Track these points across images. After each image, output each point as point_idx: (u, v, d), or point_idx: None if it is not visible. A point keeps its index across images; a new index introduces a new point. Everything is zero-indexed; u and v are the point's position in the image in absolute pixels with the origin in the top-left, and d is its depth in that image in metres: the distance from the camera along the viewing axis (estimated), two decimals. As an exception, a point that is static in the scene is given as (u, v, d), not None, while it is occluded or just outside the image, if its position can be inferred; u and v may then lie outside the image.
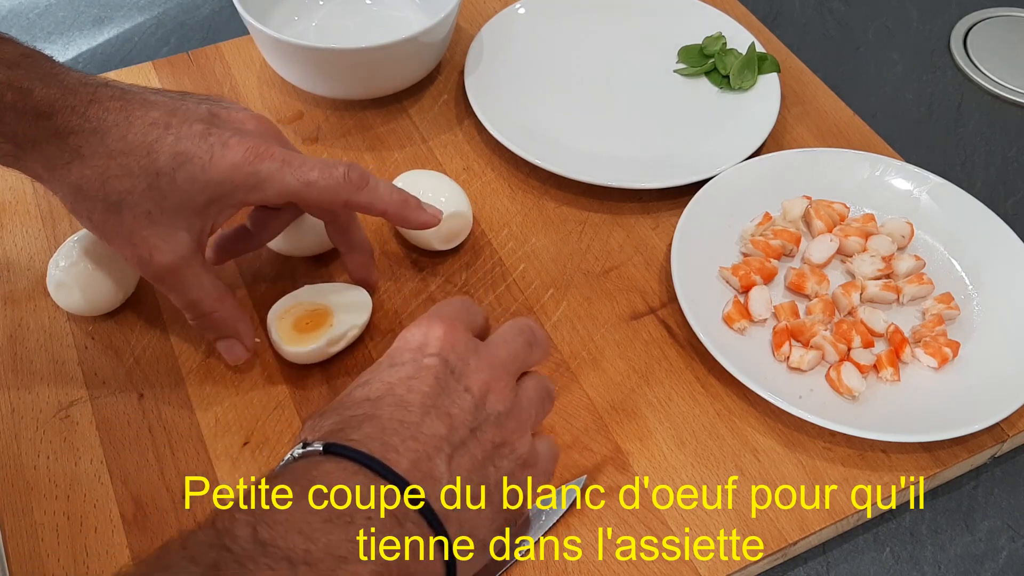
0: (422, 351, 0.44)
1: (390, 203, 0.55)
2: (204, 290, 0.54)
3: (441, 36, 0.73)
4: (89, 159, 0.49)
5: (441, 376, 0.43)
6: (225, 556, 0.34)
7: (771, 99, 0.75)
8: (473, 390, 0.43)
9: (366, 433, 0.40)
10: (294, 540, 0.35)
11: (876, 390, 0.58)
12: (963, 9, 0.89)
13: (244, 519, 0.35)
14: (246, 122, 0.53)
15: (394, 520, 0.37)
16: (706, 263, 0.64)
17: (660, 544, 0.52)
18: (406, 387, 0.42)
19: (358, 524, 0.36)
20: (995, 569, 0.54)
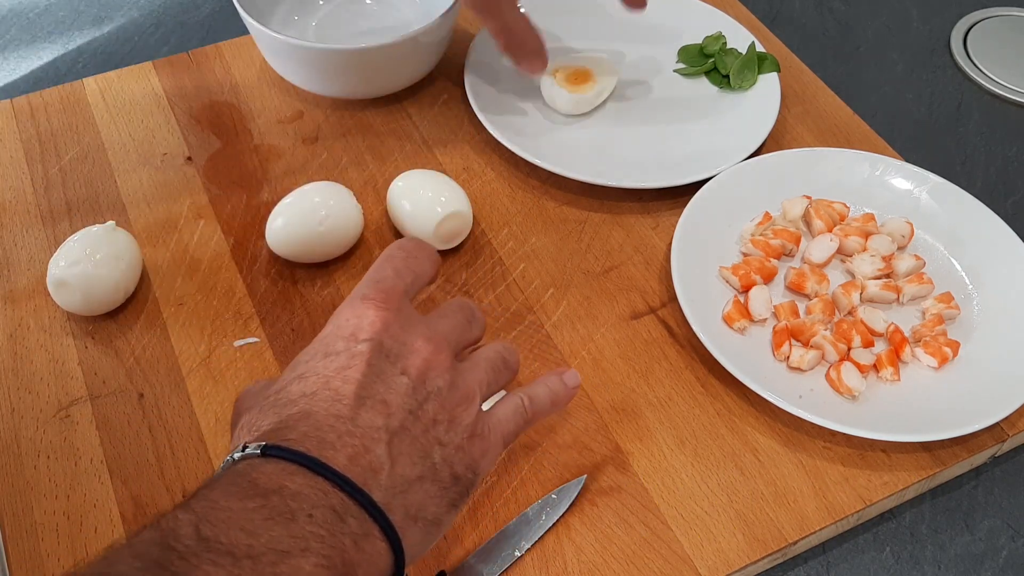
0: (355, 337, 0.43)
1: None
2: (515, 14, 0.69)
3: (441, 36, 0.73)
4: None
5: (375, 362, 0.43)
6: (169, 553, 0.34)
7: (771, 99, 0.74)
8: (410, 372, 0.43)
9: (302, 432, 0.40)
10: (236, 536, 0.35)
11: (876, 390, 0.58)
12: (963, 9, 0.89)
13: (186, 519, 0.36)
14: None
15: (334, 515, 0.38)
16: (706, 263, 0.64)
17: (660, 544, 0.52)
18: (341, 379, 0.42)
19: (299, 521, 0.37)
20: (995, 569, 0.54)
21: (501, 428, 0.46)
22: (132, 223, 0.67)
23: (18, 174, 0.71)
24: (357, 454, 0.40)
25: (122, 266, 0.60)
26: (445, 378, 0.44)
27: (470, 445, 0.44)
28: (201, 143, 0.73)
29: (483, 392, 0.46)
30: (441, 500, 0.42)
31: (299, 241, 0.62)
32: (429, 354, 0.44)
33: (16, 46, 0.86)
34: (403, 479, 0.41)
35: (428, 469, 0.42)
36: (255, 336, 0.61)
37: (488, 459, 0.45)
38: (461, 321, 0.48)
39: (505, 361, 0.48)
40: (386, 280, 0.46)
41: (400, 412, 0.42)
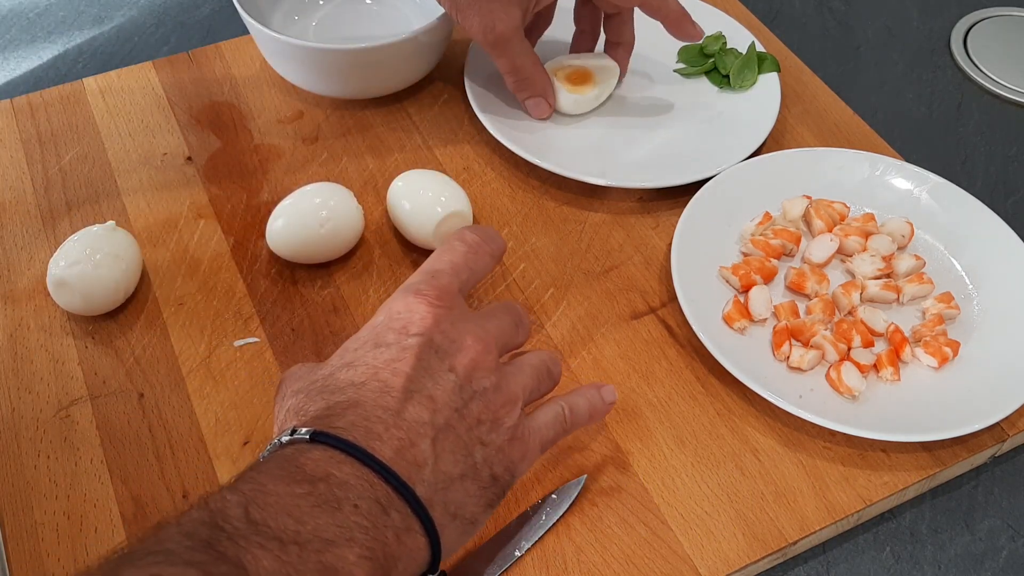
0: (406, 331, 0.44)
1: (671, 11, 0.68)
2: (525, 56, 0.68)
3: (441, 36, 0.73)
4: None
5: (424, 357, 0.43)
6: (218, 534, 0.34)
7: (771, 99, 0.74)
8: (457, 369, 0.44)
9: (350, 420, 0.40)
10: (284, 521, 0.36)
11: (876, 390, 0.58)
12: (963, 9, 0.89)
13: (235, 500, 0.36)
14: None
15: (378, 507, 0.38)
16: (706, 263, 0.64)
17: (660, 544, 0.52)
18: (390, 371, 0.42)
19: (345, 510, 0.37)
20: (995, 569, 0.54)
21: (541, 434, 0.47)
22: (132, 223, 0.67)
23: (18, 174, 0.70)
24: (403, 447, 0.40)
25: (122, 266, 0.60)
26: (491, 379, 0.44)
27: (510, 447, 0.44)
28: (201, 143, 0.73)
29: (526, 397, 0.46)
30: (479, 499, 0.43)
31: (299, 242, 0.62)
32: (477, 353, 0.44)
33: (16, 46, 0.86)
34: (445, 476, 0.41)
35: (469, 468, 0.42)
36: (255, 336, 0.61)
37: (526, 463, 0.46)
38: (509, 324, 0.48)
39: (549, 370, 0.49)
40: (442, 275, 0.47)
41: (446, 409, 0.42)
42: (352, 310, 0.62)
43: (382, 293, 0.63)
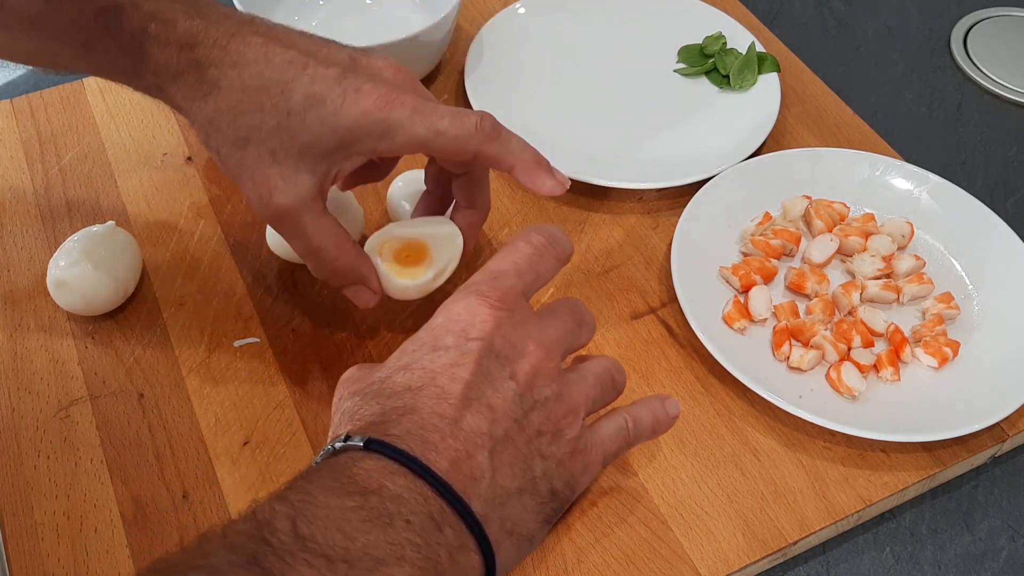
0: (466, 334, 0.42)
1: (520, 159, 0.52)
2: (323, 236, 0.51)
3: (441, 36, 0.73)
4: (225, 92, 0.49)
5: (483, 363, 0.41)
6: (264, 548, 0.33)
7: (771, 99, 0.75)
8: (518, 377, 0.41)
9: (406, 428, 0.39)
10: (333, 537, 0.34)
11: (876, 390, 0.58)
12: (963, 9, 0.89)
13: (284, 512, 0.35)
14: (384, 70, 0.51)
15: (432, 523, 0.37)
16: (706, 263, 0.64)
17: (660, 544, 0.52)
18: (448, 376, 0.40)
19: (396, 526, 0.36)
20: (995, 569, 0.54)
21: (603, 447, 0.44)
22: (132, 223, 0.67)
23: (18, 174, 0.71)
24: (459, 459, 0.38)
25: (122, 266, 0.60)
26: (553, 388, 0.42)
27: (571, 460, 0.42)
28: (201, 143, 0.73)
29: (588, 407, 0.44)
30: (537, 515, 0.41)
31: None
32: (539, 360, 0.42)
33: (16, 46, 0.86)
34: (503, 490, 0.39)
35: (528, 482, 0.40)
36: (255, 336, 0.61)
37: (586, 476, 0.44)
38: (571, 325, 0.46)
39: (613, 380, 0.46)
40: (505, 276, 0.44)
41: (505, 419, 0.40)
42: (352, 310, 0.62)
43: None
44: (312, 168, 0.50)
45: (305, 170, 0.50)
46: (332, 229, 0.52)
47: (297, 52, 0.49)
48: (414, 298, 0.56)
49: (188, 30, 0.48)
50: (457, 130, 0.50)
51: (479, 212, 0.58)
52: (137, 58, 0.49)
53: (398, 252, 0.55)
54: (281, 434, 0.56)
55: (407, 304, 0.62)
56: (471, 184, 0.56)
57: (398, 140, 0.49)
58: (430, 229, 0.56)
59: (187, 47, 0.48)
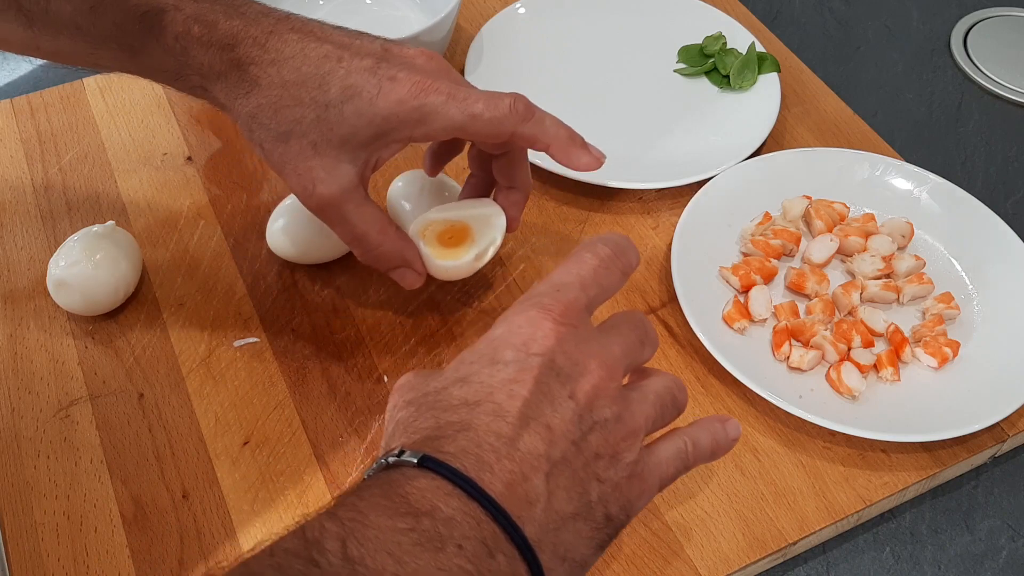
0: (526, 348, 0.40)
1: (555, 137, 0.53)
2: (366, 223, 0.54)
3: (441, 36, 0.73)
4: (265, 89, 0.51)
5: (543, 380, 0.39)
6: (312, 570, 0.33)
7: (771, 99, 0.75)
8: (578, 396, 0.40)
9: (461, 446, 0.37)
10: (384, 561, 0.33)
11: (876, 390, 0.58)
12: (963, 9, 0.89)
13: (334, 532, 0.34)
14: (416, 58, 0.53)
15: (484, 549, 0.35)
16: (706, 263, 0.64)
17: (660, 544, 0.52)
18: (506, 392, 0.39)
19: (448, 551, 0.34)
20: (995, 569, 0.54)
21: (660, 471, 0.42)
22: (132, 223, 0.67)
23: (18, 174, 0.71)
24: (515, 482, 0.37)
25: (122, 266, 0.60)
26: (613, 408, 0.40)
27: (628, 485, 0.41)
28: (201, 143, 0.73)
29: (647, 428, 0.42)
30: (591, 541, 0.40)
31: (299, 242, 0.62)
32: (600, 379, 0.40)
33: (16, 46, 0.86)
34: (558, 515, 0.38)
35: (583, 507, 0.39)
36: (255, 336, 0.61)
37: (642, 501, 0.42)
38: (634, 341, 0.44)
39: (675, 399, 0.44)
40: (569, 290, 0.43)
41: (563, 440, 0.39)
42: (352, 310, 0.62)
43: (382, 293, 0.63)
44: (352, 158, 0.52)
45: (346, 160, 0.52)
46: (374, 215, 0.54)
47: (332, 46, 0.51)
48: (457, 278, 0.58)
49: (229, 30, 0.50)
50: (492, 112, 0.51)
51: (520, 191, 0.59)
52: (181, 60, 0.51)
53: (441, 234, 0.57)
54: (281, 434, 0.56)
55: (407, 304, 0.62)
56: (510, 164, 0.58)
57: (434, 126, 0.51)
58: (472, 211, 0.58)
59: (228, 47, 0.50)
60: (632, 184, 0.68)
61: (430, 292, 0.63)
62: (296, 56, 0.50)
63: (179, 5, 0.50)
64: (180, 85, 0.54)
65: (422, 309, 0.62)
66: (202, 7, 0.50)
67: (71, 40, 0.52)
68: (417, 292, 0.63)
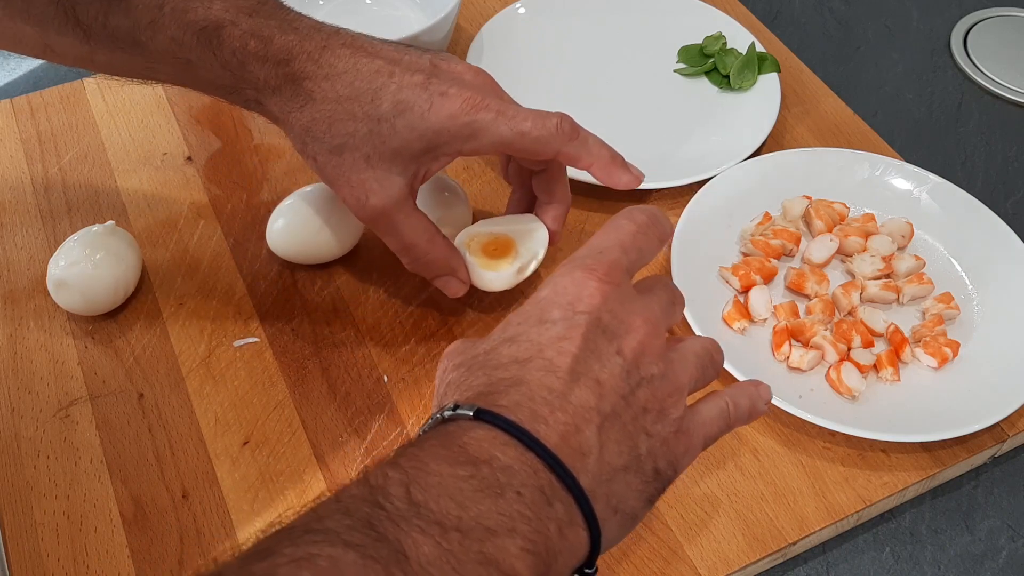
0: (573, 307, 0.41)
1: (598, 157, 0.55)
2: (416, 233, 0.56)
3: (441, 36, 0.73)
4: (320, 103, 0.52)
5: (591, 337, 0.41)
6: (378, 513, 0.34)
7: (771, 99, 0.75)
8: (625, 352, 0.41)
9: (515, 400, 0.39)
10: (446, 505, 0.34)
11: (876, 390, 0.58)
12: (963, 9, 0.89)
13: (396, 478, 0.35)
14: (465, 74, 0.54)
15: (542, 497, 0.36)
16: (706, 263, 0.64)
17: (660, 544, 0.52)
18: (555, 349, 0.40)
19: (507, 497, 0.35)
20: (995, 569, 0.54)
21: (705, 428, 0.44)
22: (132, 223, 0.67)
23: (18, 174, 0.71)
24: (568, 433, 0.38)
25: (122, 266, 0.60)
26: (659, 365, 0.42)
27: (675, 440, 0.42)
28: (201, 143, 0.73)
29: (690, 387, 0.43)
30: (641, 494, 0.41)
31: (299, 242, 0.62)
32: (646, 336, 0.42)
33: (16, 46, 0.86)
34: (610, 467, 0.39)
35: (633, 459, 0.40)
36: (255, 336, 0.61)
37: (688, 458, 0.43)
38: (667, 301, 0.45)
39: (713, 359, 0.45)
40: (611, 252, 0.44)
41: (613, 395, 0.40)
42: (352, 310, 0.62)
43: (382, 293, 0.63)
44: (403, 170, 0.54)
45: (397, 172, 0.54)
46: (423, 225, 0.56)
47: (383, 61, 0.52)
48: (499, 290, 0.59)
49: (284, 45, 0.51)
50: (539, 131, 0.53)
51: (561, 205, 0.60)
52: (238, 75, 0.52)
53: (486, 246, 0.59)
54: (281, 434, 0.56)
55: (407, 304, 0.62)
56: (550, 179, 0.59)
57: (483, 141, 0.53)
58: (516, 225, 0.60)
59: (284, 62, 0.51)
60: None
61: (430, 292, 0.63)
62: (349, 71, 0.52)
63: (236, 20, 0.51)
64: (234, 99, 0.55)
65: (422, 309, 0.62)
66: (258, 22, 0.51)
67: (127, 55, 0.53)
68: (417, 292, 0.63)
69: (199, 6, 0.51)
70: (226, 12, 0.51)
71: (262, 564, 0.31)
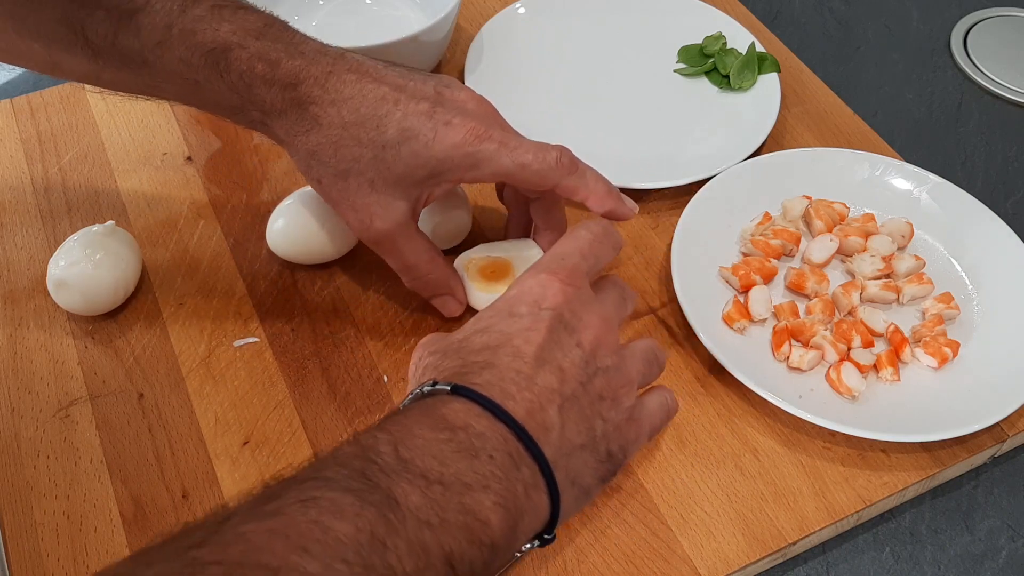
0: (538, 304, 0.46)
1: (594, 191, 0.57)
2: (417, 254, 0.57)
3: (441, 36, 0.73)
4: (326, 128, 0.53)
5: (555, 330, 0.46)
6: (371, 466, 0.38)
7: (771, 99, 0.75)
8: (584, 345, 0.46)
9: (487, 379, 0.43)
10: (429, 462, 0.39)
11: (876, 390, 0.58)
12: (963, 9, 0.89)
13: (385, 438, 0.39)
14: (468, 103, 0.56)
15: (511, 460, 0.41)
16: (706, 263, 0.64)
17: (660, 544, 0.52)
18: (523, 339, 0.45)
19: (481, 459, 0.40)
20: (995, 569, 0.54)
21: (651, 419, 0.50)
22: (132, 223, 0.67)
23: (18, 174, 0.71)
24: (534, 410, 0.43)
25: (122, 266, 0.60)
26: (613, 358, 0.47)
27: (627, 427, 0.47)
28: (201, 143, 0.73)
29: (639, 381, 0.49)
30: (595, 472, 0.46)
31: (299, 242, 0.62)
32: (602, 332, 0.47)
33: (16, 46, 0.86)
34: (569, 443, 0.44)
35: (590, 439, 0.45)
36: (255, 336, 0.61)
37: (637, 444, 0.49)
38: (618, 299, 0.51)
39: (656, 357, 0.51)
40: (571, 257, 0.49)
41: (573, 380, 0.45)
42: (352, 310, 0.62)
43: (382, 293, 0.63)
44: (405, 195, 0.55)
45: (400, 197, 0.55)
46: (424, 246, 0.58)
47: (389, 88, 0.53)
48: None
49: (291, 69, 0.52)
50: (540, 165, 0.54)
51: (557, 231, 0.61)
52: (245, 97, 0.53)
53: (483, 269, 0.61)
54: (281, 434, 0.56)
55: (407, 304, 0.62)
56: (546, 207, 0.60)
57: (485, 171, 0.54)
58: (514, 251, 0.62)
59: (291, 86, 0.52)
60: (632, 184, 0.68)
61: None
62: (355, 97, 0.53)
63: (244, 43, 0.52)
64: (239, 119, 0.55)
65: (422, 309, 0.62)
66: (265, 45, 0.52)
67: (135, 74, 0.54)
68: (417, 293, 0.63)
69: (207, 28, 0.51)
70: (234, 35, 0.51)
71: (272, 504, 0.35)
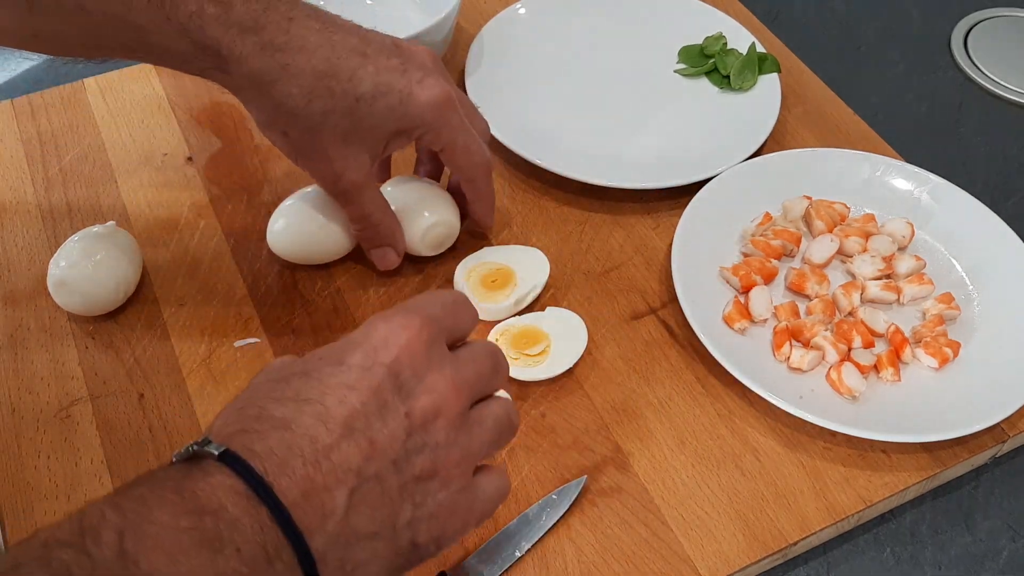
0: (375, 354, 0.39)
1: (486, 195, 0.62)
2: (375, 203, 0.59)
3: (441, 36, 0.73)
4: (296, 77, 0.52)
5: (382, 391, 0.38)
6: (82, 561, 0.32)
7: (771, 99, 0.75)
8: (414, 415, 0.39)
9: (269, 446, 0.37)
10: (158, 560, 0.33)
11: (876, 390, 0.58)
12: (963, 9, 0.89)
13: (114, 522, 0.33)
14: (425, 58, 0.57)
15: (263, 554, 0.35)
16: (706, 263, 0.64)
17: (660, 544, 0.52)
18: (337, 397, 0.38)
19: (226, 553, 0.34)
20: (995, 569, 0.54)
21: (483, 505, 0.42)
22: (132, 223, 0.67)
23: (18, 174, 0.71)
24: (313, 491, 0.36)
25: (122, 266, 0.60)
26: (450, 433, 0.40)
27: (447, 515, 0.40)
28: (201, 143, 0.73)
29: (482, 455, 0.42)
30: (388, 563, 0.39)
31: (300, 242, 0.62)
32: (443, 400, 0.40)
33: (16, 46, 0.86)
34: (353, 532, 0.37)
35: (387, 528, 0.38)
36: (255, 337, 0.61)
37: (459, 535, 0.41)
38: (488, 369, 0.43)
39: (511, 424, 0.43)
40: (432, 307, 0.42)
41: (382, 458, 0.38)
42: (352, 311, 0.62)
43: (382, 294, 0.63)
44: (371, 149, 0.56)
45: (366, 150, 0.56)
46: (380, 198, 0.60)
47: (356, 39, 0.54)
48: (498, 319, 0.61)
49: (247, 12, 0.51)
50: (481, 158, 0.57)
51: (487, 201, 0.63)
52: (196, 41, 0.51)
53: (485, 277, 0.62)
54: (281, 434, 0.56)
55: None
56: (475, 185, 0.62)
57: (442, 138, 0.56)
58: (518, 257, 0.63)
59: (250, 30, 0.51)
60: (632, 184, 0.68)
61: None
62: (323, 46, 0.52)
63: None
64: (189, 68, 0.54)
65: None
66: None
67: (74, 24, 0.52)
68: (417, 293, 0.63)
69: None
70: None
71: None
